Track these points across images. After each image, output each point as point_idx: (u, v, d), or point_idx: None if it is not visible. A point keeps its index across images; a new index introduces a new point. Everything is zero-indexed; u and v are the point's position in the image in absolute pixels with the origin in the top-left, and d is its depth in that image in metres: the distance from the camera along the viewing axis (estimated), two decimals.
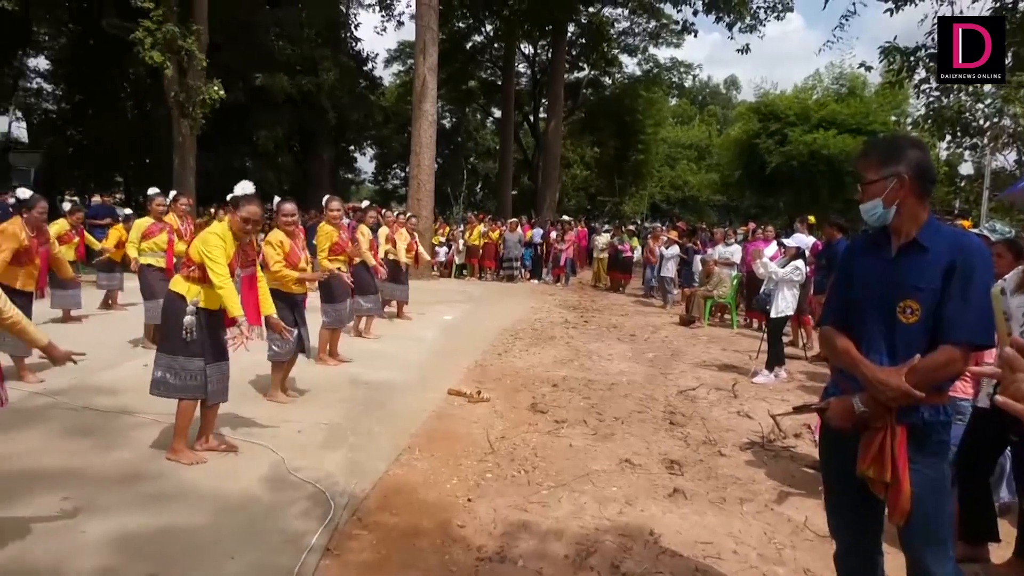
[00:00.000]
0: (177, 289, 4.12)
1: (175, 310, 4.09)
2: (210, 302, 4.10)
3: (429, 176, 16.56)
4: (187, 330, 4.01)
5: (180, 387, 4.07)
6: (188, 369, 4.06)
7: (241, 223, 4.17)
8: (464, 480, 4.16)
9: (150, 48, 14.15)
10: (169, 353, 4.08)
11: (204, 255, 4.04)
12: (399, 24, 31.17)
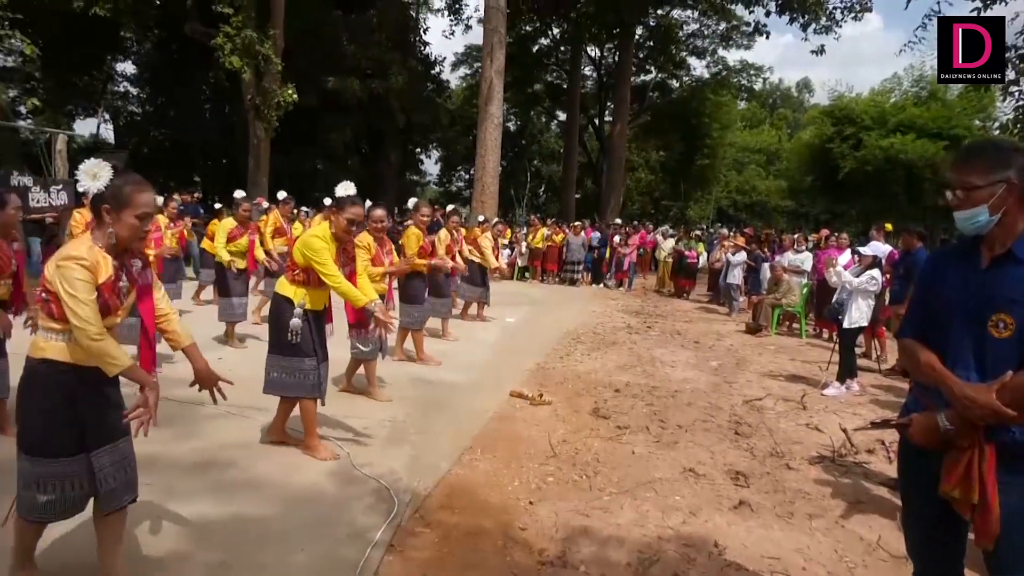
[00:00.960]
0: (283, 292, 4.19)
1: (282, 312, 4.15)
2: (315, 303, 4.17)
3: (494, 179, 16.67)
4: (293, 332, 4.07)
5: (295, 385, 4.15)
6: (301, 369, 4.12)
7: (346, 224, 4.20)
8: (525, 482, 4.16)
9: (229, 53, 14.70)
10: (280, 354, 4.16)
11: (310, 259, 4.08)
12: (467, 28, 31.53)
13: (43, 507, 2.47)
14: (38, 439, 2.46)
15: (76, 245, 2.44)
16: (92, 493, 2.56)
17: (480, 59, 18.67)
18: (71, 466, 2.48)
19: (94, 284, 2.40)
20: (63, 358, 2.43)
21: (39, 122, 16.23)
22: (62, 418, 2.45)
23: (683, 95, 32.36)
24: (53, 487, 2.47)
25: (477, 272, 9.77)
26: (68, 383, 2.44)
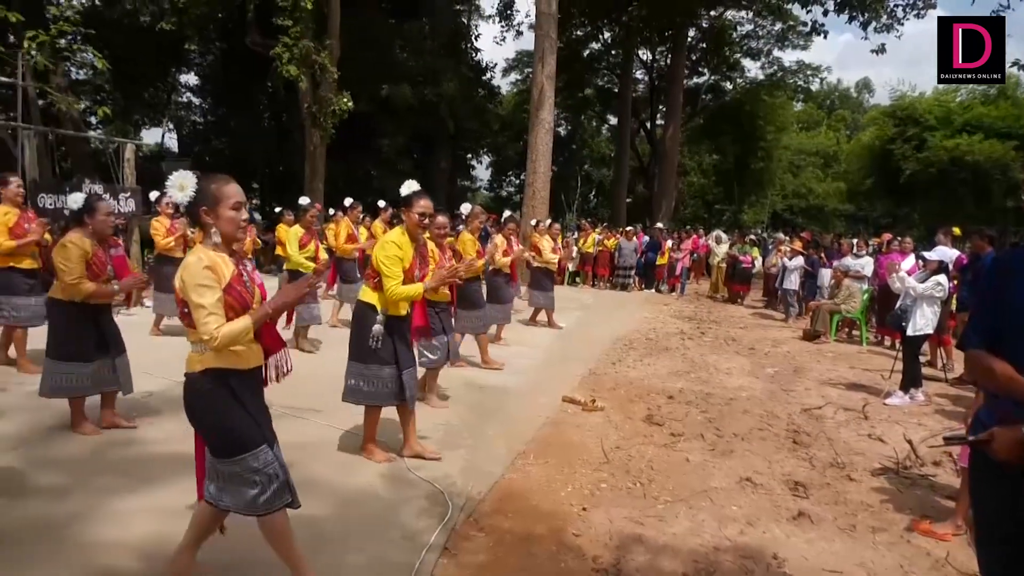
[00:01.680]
0: (366, 299, 4.18)
1: (365, 319, 4.15)
2: (397, 308, 4.16)
3: (544, 184, 16.65)
4: (374, 338, 4.06)
5: (372, 394, 4.14)
6: (380, 377, 4.11)
7: (418, 219, 4.17)
8: (579, 489, 4.14)
9: (287, 63, 15.06)
10: (360, 361, 4.15)
11: (379, 262, 4.09)
12: (518, 34, 31.65)
13: (254, 499, 2.59)
14: (235, 439, 2.57)
15: (195, 252, 2.55)
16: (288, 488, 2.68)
17: (531, 64, 18.71)
18: (269, 454, 2.61)
19: (219, 285, 2.50)
20: (219, 364, 2.55)
21: (108, 132, 16.91)
22: (241, 414, 2.57)
23: (737, 97, 31.81)
24: (256, 481, 2.59)
25: (546, 279, 9.81)
26: (229, 386, 2.56)
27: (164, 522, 3.32)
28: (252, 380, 2.66)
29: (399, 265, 4.07)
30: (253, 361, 2.66)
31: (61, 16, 9.94)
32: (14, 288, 5.83)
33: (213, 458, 2.64)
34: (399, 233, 4.23)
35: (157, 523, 3.31)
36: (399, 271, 4.07)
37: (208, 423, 2.60)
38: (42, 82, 12.77)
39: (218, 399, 2.56)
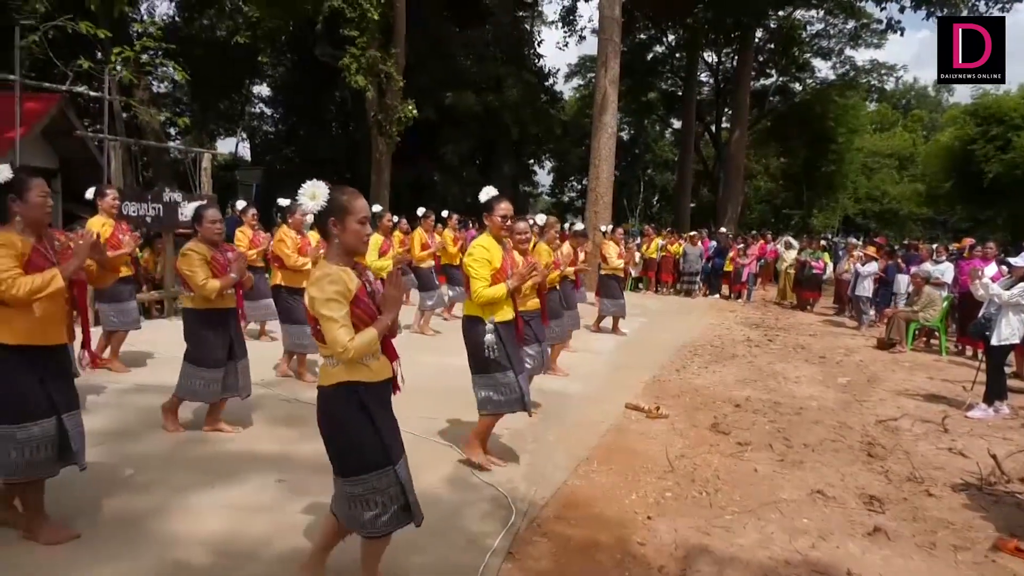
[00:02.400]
0: (471, 312, 4.18)
1: (474, 332, 4.13)
2: (503, 314, 4.15)
3: (607, 189, 16.55)
4: (489, 348, 4.05)
5: (505, 402, 4.14)
6: (506, 383, 4.11)
7: (501, 221, 4.18)
8: (643, 497, 4.09)
9: (355, 73, 15.45)
10: (484, 373, 4.14)
11: (467, 266, 4.11)
12: (581, 39, 31.56)
13: (372, 521, 2.58)
14: (359, 458, 2.57)
15: (321, 267, 2.57)
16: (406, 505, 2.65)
17: (593, 69, 18.66)
18: (392, 475, 2.60)
19: (346, 298, 2.51)
20: (351, 378, 2.56)
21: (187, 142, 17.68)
22: (369, 432, 2.57)
23: (807, 98, 30.94)
24: (376, 502, 2.58)
25: (616, 286, 9.76)
26: (361, 401, 2.56)
27: (236, 519, 3.45)
28: (383, 393, 2.66)
29: (487, 268, 4.06)
30: (383, 373, 2.65)
31: (144, 32, 10.44)
32: (118, 296, 6.16)
33: (336, 476, 2.65)
34: (485, 237, 4.22)
35: (229, 520, 3.43)
36: (487, 273, 4.05)
37: (335, 439, 2.60)
38: (127, 95, 13.44)
39: (350, 414, 2.55)
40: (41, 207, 3.03)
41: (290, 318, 6.24)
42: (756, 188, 37.80)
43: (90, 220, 6.18)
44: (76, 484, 3.51)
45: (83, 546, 3.07)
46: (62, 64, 9.41)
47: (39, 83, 10.14)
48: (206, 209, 4.63)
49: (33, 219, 3.04)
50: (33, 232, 3.06)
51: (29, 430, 2.96)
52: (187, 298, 4.62)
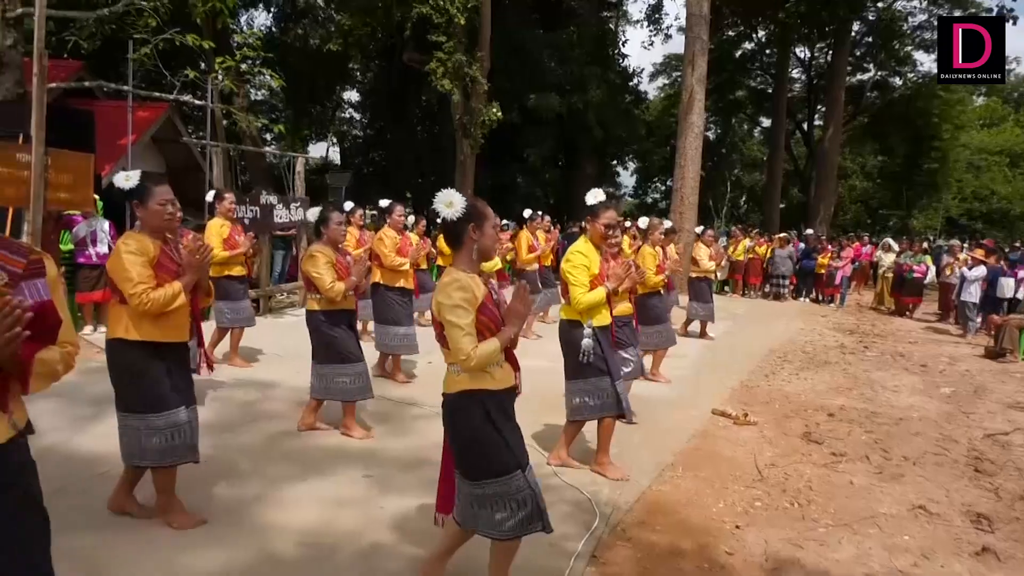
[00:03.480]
0: (569, 316, 4.14)
1: (572, 336, 4.11)
2: (601, 318, 4.10)
3: (693, 189, 16.22)
4: (585, 352, 4.01)
5: (600, 407, 4.10)
6: (601, 388, 4.07)
7: (604, 230, 4.11)
8: (731, 505, 3.99)
9: (441, 77, 15.71)
10: (579, 378, 4.10)
11: (566, 272, 4.10)
12: (667, 37, 31.20)
13: (502, 523, 2.59)
14: (488, 463, 2.59)
15: (450, 273, 2.61)
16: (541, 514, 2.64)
17: (679, 68, 18.35)
18: (522, 480, 2.61)
19: (473, 306, 2.53)
20: (475, 386, 2.59)
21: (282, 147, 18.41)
22: (496, 437, 2.59)
23: (907, 94, 29.36)
24: (507, 505, 2.58)
25: (706, 289, 9.55)
26: (485, 408, 2.58)
27: (327, 511, 3.56)
28: (506, 401, 2.67)
29: (586, 274, 4.01)
30: (507, 381, 2.66)
31: (245, 43, 10.93)
32: (232, 294, 6.45)
33: (463, 479, 2.66)
34: (583, 242, 4.17)
35: (320, 512, 3.55)
36: (586, 279, 4.00)
37: (464, 445, 2.63)
38: (227, 103, 14.12)
39: (476, 421, 2.57)
40: (160, 215, 3.16)
41: (385, 318, 6.30)
42: (850, 188, 36.18)
43: (210, 222, 6.55)
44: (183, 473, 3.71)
45: (188, 532, 3.24)
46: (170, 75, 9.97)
47: (149, 93, 10.79)
48: (331, 212, 4.72)
49: (153, 226, 3.18)
50: (157, 236, 3.20)
51: (167, 417, 3.14)
52: (313, 300, 4.68)
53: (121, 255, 3.05)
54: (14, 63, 8.92)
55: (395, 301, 6.30)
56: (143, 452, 3.15)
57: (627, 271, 4.14)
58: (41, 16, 6.32)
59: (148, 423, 3.12)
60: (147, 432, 3.13)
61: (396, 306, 6.28)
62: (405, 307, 6.38)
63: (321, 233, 4.70)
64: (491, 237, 2.63)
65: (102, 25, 9.50)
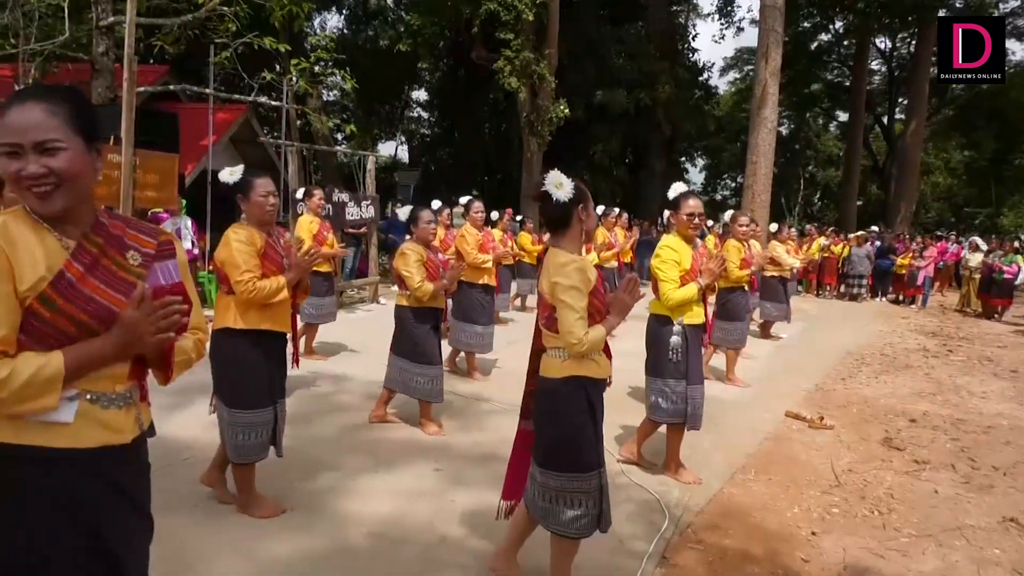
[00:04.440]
0: (659, 311, 4.05)
1: (659, 332, 4.02)
2: (692, 316, 4.00)
3: (765, 187, 15.82)
4: (674, 351, 3.92)
5: (670, 412, 4.00)
6: (676, 392, 3.97)
7: (687, 220, 4.03)
8: (806, 511, 3.86)
9: (509, 75, 15.78)
10: (659, 376, 4.03)
11: (655, 269, 4.03)
12: (739, 30, 30.47)
13: (570, 521, 2.56)
14: (576, 455, 2.54)
15: (563, 254, 2.57)
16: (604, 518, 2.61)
17: (752, 62, 17.89)
18: (595, 481, 2.57)
19: (587, 288, 2.51)
20: (580, 373, 2.54)
21: (352, 146, 18.83)
22: (591, 431, 2.57)
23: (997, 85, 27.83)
24: (580, 502, 2.55)
25: (782, 289, 9.23)
26: (587, 397, 2.55)
27: (399, 503, 3.62)
28: (603, 391, 2.64)
29: (676, 269, 3.93)
30: (606, 371, 2.63)
31: (319, 45, 11.23)
32: (316, 290, 6.49)
33: (542, 469, 2.59)
34: (672, 237, 4.09)
35: (392, 504, 3.61)
36: (676, 275, 3.92)
37: (558, 434, 2.56)
38: (301, 104, 14.54)
39: (576, 409, 2.53)
40: (262, 206, 3.24)
41: (464, 315, 6.25)
42: (934, 184, 34.59)
43: (300, 219, 6.76)
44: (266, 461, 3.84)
45: (267, 521, 3.35)
46: (248, 77, 10.33)
47: (228, 95, 11.21)
48: (422, 211, 4.76)
49: (257, 217, 3.26)
50: (261, 228, 3.28)
51: (259, 416, 3.24)
52: (402, 296, 4.75)
53: (231, 244, 3.15)
54: (106, 69, 9.40)
55: (477, 299, 6.27)
56: (232, 447, 3.28)
57: (720, 265, 4.06)
58: (131, 23, 6.62)
59: (234, 418, 3.24)
60: (230, 426, 3.24)
61: (477, 304, 6.25)
62: (487, 305, 6.34)
63: (411, 231, 4.76)
64: (594, 218, 2.63)
65: (186, 30, 9.91)
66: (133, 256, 1.54)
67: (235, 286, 3.11)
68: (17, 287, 1.38)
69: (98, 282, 1.46)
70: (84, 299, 1.43)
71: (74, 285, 1.43)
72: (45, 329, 1.40)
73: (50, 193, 1.42)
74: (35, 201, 1.42)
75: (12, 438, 1.40)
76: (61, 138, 1.41)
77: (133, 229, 1.59)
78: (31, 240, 1.42)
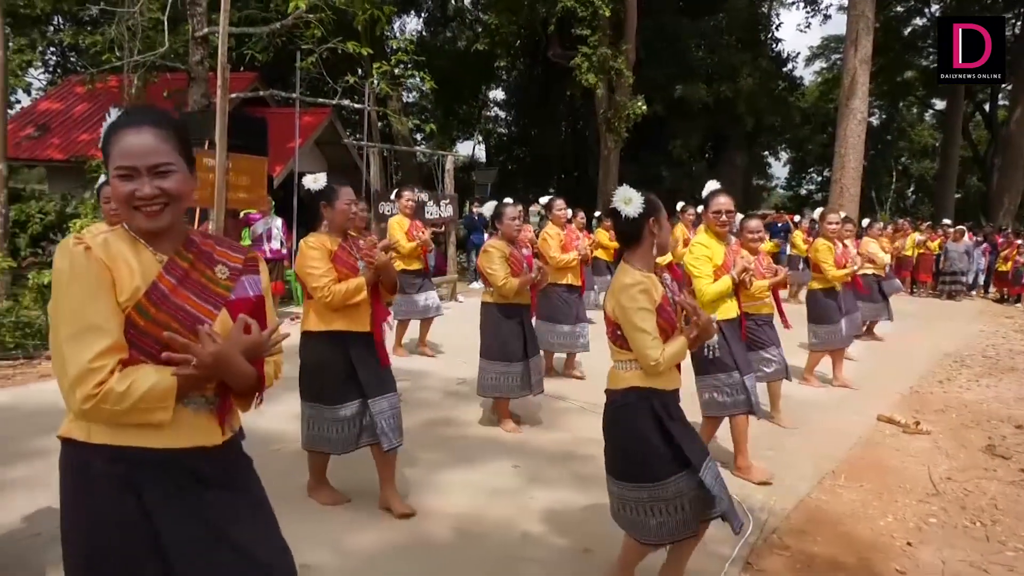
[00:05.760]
0: None
1: None
2: (726, 312, 4.03)
3: (854, 180, 15.20)
4: (710, 348, 3.90)
5: (731, 404, 3.99)
6: (729, 384, 3.96)
7: (714, 218, 4.08)
8: (901, 520, 3.69)
9: (586, 71, 15.69)
10: (706, 374, 4.02)
11: (688, 265, 4.06)
12: (825, 18, 29.26)
13: (656, 529, 2.51)
14: (644, 466, 2.50)
15: (629, 273, 2.54)
16: (697, 517, 2.54)
17: (839, 50, 17.22)
18: (673, 488, 2.48)
19: (654, 307, 2.49)
20: (645, 384, 2.52)
21: (431, 146, 19.17)
22: (657, 442, 2.49)
23: None
24: (661, 510, 2.48)
25: (874, 287, 8.73)
26: (652, 408, 2.51)
27: (477, 498, 3.67)
28: (672, 403, 2.60)
29: (708, 264, 3.97)
30: (675, 382, 2.61)
31: (399, 48, 11.46)
32: (405, 288, 6.70)
33: (613, 480, 2.59)
34: (704, 234, 4.15)
35: (472, 499, 3.66)
36: (709, 270, 3.97)
37: (623, 445, 2.56)
38: (382, 106, 14.88)
39: (641, 420, 2.50)
40: (345, 213, 3.35)
41: (547, 316, 6.14)
42: None
43: (391, 219, 6.97)
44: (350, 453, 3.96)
45: (352, 510, 3.46)
46: (331, 81, 10.65)
47: (313, 99, 11.58)
48: (506, 207, 4.79)
49: (338, 224, 3.37)
50: (339, 234, 3.39)
51: (330, 411, 3.34)
52: (487, 293, 4.80)
53: (305, 253, 3.29)
54: (201, 77, 9.88)
55: (561, 299, 6.16)
56: (304, 435, 3.44)
57: (742, 270, 4.08)
58: (224, 33, 6.93)
59: (306, 411, 3.39)
60: (304, 417, 3.41)
61: (561, 304, 6.15)
62: (571, 305, 6.21)
63: (496, 228, 4.79)
64: (668, 229, 2.59)
65: (274, 38, 10.30)
66: (221, 270, 1.65)
67: (312, 292, 3.25)
68: (118, 298, 1.49)
69: (189, 293, 1.57)
70: (175, 308, 1.53)
71: (166, 296, 1.54)
72: (141, 338, 1.50)
73: (159, 212, 1.53)
74: (144, 219, 1.53)
75: (110, 439, 1.49)
76: (172, 161, 1.54)
77: (222, 246, 1.71)
78: (128, 255, 1.53)
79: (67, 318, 1.45)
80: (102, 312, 1.46)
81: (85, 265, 1.47)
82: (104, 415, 1.44)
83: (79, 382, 1.41)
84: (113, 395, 1.41)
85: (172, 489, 1.52)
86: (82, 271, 1.46)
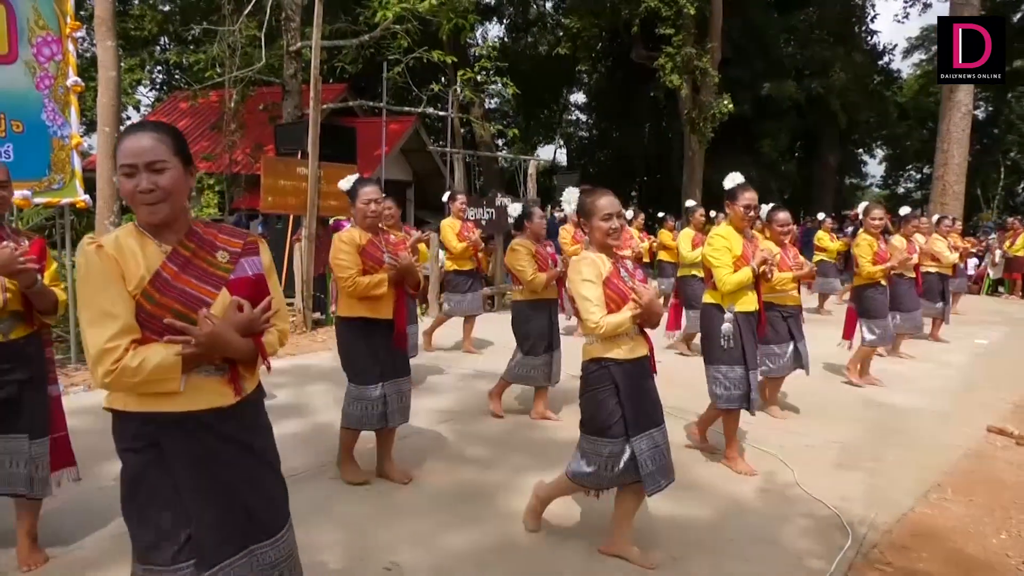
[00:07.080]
0: (711, 299, 4.15)
1: (711, 321, 4.11)
2: (744, 304, 4.06)
3: (959, 177, 14.37)
4: (725, 337, 4.00)
5: (726, 397, 4.06)
6: (731, 378, 4.02)
7: (743, 212, 4.08)
8: (1015, 538, 3.45)
9: (670, 72, 15.48)
10: (716, 363, 4.08)
11: (707, 257, 4.11)
12: (925, 7, 27.60)
13: (585, 477, 2.95)
14: (597, 423, 2.91)
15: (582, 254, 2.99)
16: (634, 477, 2.89)
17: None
18: (616, 446, 2.87)
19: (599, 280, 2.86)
20: (603, 354, 2.89)
21: (513, 151, 19.30)
22: (610, 405, 2.87)
23: None
24: (595, 463, 2.90)
25: (935, 285, 8.41)
26: (611, 376, 2.87)
27: (562, 501, 3.63)
28: (636, 372, 2.91)
29: (728, 254, 4.02)
30: (634, 353, 2.91)
31: (483, 55, 11.62)
32: (457, 286, 7.08)
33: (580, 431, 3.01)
34: (724, 227, 4.19)
35: (556, 502, 3.62)
36: (729, 260, 4.01)
37: (583, 404, 2.99)
38: (465, 112, 15.11)
39: (599, 387, 2.89)
40: (364, 211, 3.69)
41: None
42: None
43: (443, 221, 7.17)
44: (430, 451, 4.05)
45: (442, 511, 3.52)
46: (417, 89, 10.90)
47: (400, 108, 11.88)
48: (534, 208, 5.10)
49: (359, 220, 3.74)
50: (369, 229, 3.73)
51: (361, 391, 3.66)
52: (516, 291, 5.07)
53: (336, 247, 3.67)
54: (294, 90, 10.30)
55: None
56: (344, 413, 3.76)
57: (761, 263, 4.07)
58: (316, 46, 7.21)
59: (348, 390, 3.73)
60: (346, 395, 3.74)
61: None
62: None
63: (524, 227, 4.99)
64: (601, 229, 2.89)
65: (363, 50, 10.62)
66: (222, 255, 1.85)
67: (339, 282, 3.65)
68: (128, 287, 1.71)
69: (191, 278, 1.77)
70: (178, 292, 1.74)
71: (169, 282, 1.74)
72: (151, 320, 1.71)
73: (157, 205, 1.73)
74: (145, 212, 1.74)
75: (140, 407, 1.73)
76: (167, 160, 1.73)
77: (225, 234, 1.91)
78: (135, 248, 1.75)
79: (86, 307, 1.69)
80: (113, 300, 1.68)
81: (97, 261, 1.69)
82: (123, 386, 1.68)
83: (99, 360, 1.64)
84: (128, 370, 1.64)
85: (191, 444, 1.75)
86: (95, 266, 1.69)
